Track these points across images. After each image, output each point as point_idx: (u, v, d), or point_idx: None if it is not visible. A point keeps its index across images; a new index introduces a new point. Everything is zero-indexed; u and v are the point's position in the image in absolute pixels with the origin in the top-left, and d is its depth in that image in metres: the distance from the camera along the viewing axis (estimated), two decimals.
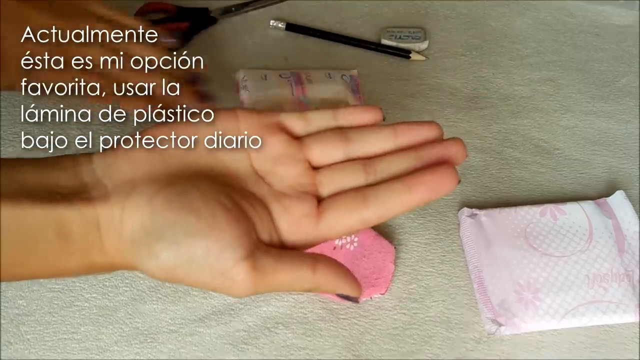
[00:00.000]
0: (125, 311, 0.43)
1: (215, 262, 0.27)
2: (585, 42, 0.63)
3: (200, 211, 0.27)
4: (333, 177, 0.30)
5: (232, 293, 0.28)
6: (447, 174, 0.28)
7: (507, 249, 0.45)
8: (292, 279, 0.28)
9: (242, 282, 0.27)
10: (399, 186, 0.29)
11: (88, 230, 0.27)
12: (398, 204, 0.29)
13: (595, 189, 0.52)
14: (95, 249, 0.27)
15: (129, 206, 0.27)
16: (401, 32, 0.61)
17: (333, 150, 0.31)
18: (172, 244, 0.26)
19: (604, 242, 0.46)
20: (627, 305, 0.43)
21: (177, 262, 0.26)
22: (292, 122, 0.31)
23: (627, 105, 0.58)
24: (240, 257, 0.27)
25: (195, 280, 0.27)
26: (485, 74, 0.60)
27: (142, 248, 0.27)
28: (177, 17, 0.62)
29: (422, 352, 0.42)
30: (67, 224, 0.26)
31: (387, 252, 0.45)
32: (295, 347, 0.42)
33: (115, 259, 0.28)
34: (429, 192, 0.28)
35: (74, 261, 0.27)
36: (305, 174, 0.30)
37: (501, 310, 0.43)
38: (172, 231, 0.26)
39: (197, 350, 0.42)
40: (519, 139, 0.55)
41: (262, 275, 0.27)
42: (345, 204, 0.29)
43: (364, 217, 0.29)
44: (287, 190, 0.29)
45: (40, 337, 0.42)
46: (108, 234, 0.27)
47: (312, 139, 0.31)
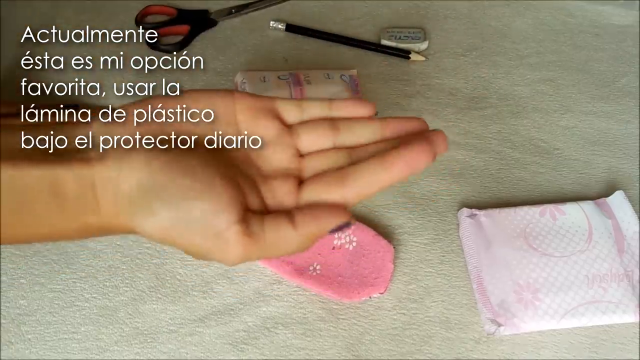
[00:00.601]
0: (125, 311, 0.43)
1: (210, 223, 0.27)
2: (585, 42, 0.63)
3: (198, 174, 0.28)
4: (315, 162, 0.31)
5: (224, 257, 0.28)
6: (423, 148, 0.28)
7: (507, 249, 0.45)
8: (278, 238, 0.28)
9: (235, 244, 0.27)
10: (377, 163, 0.29)
11: (83, 190, 0.27)
12: (376, 180, 0.29)
13: (595, 189, 0.52)
14: (90, 210, 0.27)
15: (127, 166, 0.27)
16: (401, 33, 0.62)
17: (322, 139, 0.31)
18: (170, 203, 0.27)
19: (603, 242, 0.46)
20: (627, 305, 0.43)
21: (174, 220, 0.27)
22: (287, 110, 0.32)
23: (627, 105, 0.58)
24: (234, 220, 0.27)
25: (189, 241, 0.28)
26: (485, 74, 0.60)
27: (140, 206, 0.27)
28: (177, 20, 0.63)
29: (421, 352, 0.42)
30: (62, 184, 0.27)
31: (386, 252, 0.45)
32: (295, 347, 0.42)
33: (110, 220, 0.28)
34: (406, 167, 0.28)
35: (68, 222, 0.28)
36: (292, 160, 0.31)
37: (501, 311, 0.43)
38: (170, 191, 0.27)
39: (196, 350, 0.42)
40: (518, 139, 0.55)
41: (253, 239, 0.28)
42: (324, 182, 0.30)
43: (343, 194, 0.29)
44: (274, 174, 0.30)
45: (41, 337, 0.42)
46: (104, 193, 0.27)
47: (303, 127, 0.32)
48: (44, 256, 0.46)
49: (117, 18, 0.63)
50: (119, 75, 0.61)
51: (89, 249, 0.46)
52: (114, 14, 0.63)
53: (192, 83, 0.58)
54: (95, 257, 0.46)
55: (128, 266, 0.46)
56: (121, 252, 0.46)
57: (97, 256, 0.46)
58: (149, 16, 0.64)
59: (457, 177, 0.52)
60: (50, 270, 0.45)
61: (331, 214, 0.29)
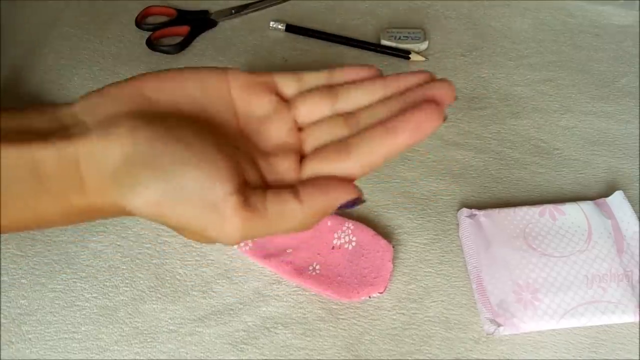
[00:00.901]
0: (125, 311, 0.44)
1: (205, 194, 0.25)
2: (585, 42, 0.63)
3: (190, 142, 0.26)
4: (315, 134, 0.29)
5: (221, 233, 0.26)
6: (431, 111, 0.26)
7: (506, 249, 0.45)
8: (281, 213, 0.26)
9: (232, 218, 0.26)
10: (381, 130, 0.27)
11: (65, 168, 0.25)
12: (381, 149, 0.27)
13: (595, 189, 0.52)
14: (74, 189, 0.26)
15: (111, 139, 0.25)
16: (401, 33, 0.62)
17: (320, 107, 0.30)
18: (160, 173, 0.25)
19: (603, 242, 0.46)
20: (626, 305, 0.43)
21: (165, 192, 0.25)
22: (285, 83, 0.31)
23: (627, 105, 0.58)
24: (230, 190, 0.26)
25: (182, 216, 0.26)
26: (485, 74, 0.60)
27: (127, 179, 0.25)
28: (177, 21, 0.63)
29: (421, 352, 0.42)
30: (41, 163, 0.25)
31: (386, 252, 0.45)
32: (295, 347, 0.42)
33: (96, 199, 0.26)
34: (412, 133, 0.26)
35: (51, 203, 0.26)
36: (290, 134, 0.29)
37: (500, 311, 0.43)
38: (159, 160, 0.25)
39: (196, 350, 0.42)
40: (518, 139, 0.55)
41: (253, 213, 0.26)
42: (327, 155, 0.28)
43: (347, 167, 0.27)
44: (272, 149, 0.29)
45: (42, 337, 0.42)
46: (88, 170, 0.26)
47: (300, 98, 0.30)
48: (44, 256, 0.46)
49: (117, 19, 0.63)
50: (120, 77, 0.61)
51: (89, 249, 0.47)
52: (114, 15, 0.64)
53: None
54: (95, 257, 0.46)
55: (128, 266, 0.46)
56: (121, 252, 0.47)
57: (98, 256, 0.46)
58: (149, 17, 0.64)
59: (456, 177, 0.52)
60: (51, 270, 0.45)
61: (340, 188, 0.27)
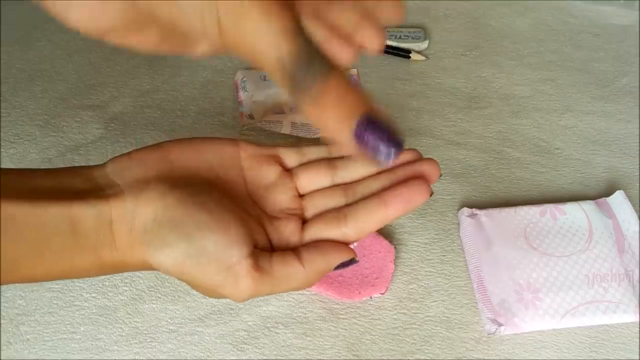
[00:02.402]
0: (124, 311, 0.43)
1: (223, 256, 0.28)
2: (585, 42, 0.63)
3: (211, 208, 0.29)
4: (316, 202, 0.33)
5: (234, 291, 0.29)
6: (419, 186, 0.30)
7: (507, 248, 0.45)
8: (287, 274, 0.30)
9: (244, 278, 0.29)
10: (375, 202, 0.31)
11: (100, 226, 0.28)
12: (375, 218, 0.31)
13: (595, 188, 0.52)
14: (106, 245, 0.29)
15: (142, 201, 0.29)
16: (401, 32, 0.61)
17: (320, 177, 0.33)
18: (185, 236, 0.28)
19: (603, 242, 0.46)
20: (627, 305, 0.43)
21: (188, 253, 0.28)
22: (288, 156, 0.34)
23: (627, 105, 0.58)
24: (245, 254, 0.29)
25: (201, 274, 0.29)
26: (485, 74, 0.60)
27: (155, 239, 0.28)
28: None
29: (422, 351, 0.42)
30: (80, 220, 0.28)
31: (387, 252, 0.45)
32: (295, 347, 0.42)
33: (125, 255, 0.29)
34: (402, 205, 0.30)
35: (85, 258, 0.29)
36: (293, 201, 0.33)
37: (501, 310, 0.43)
38: (184, 223, 0.28)
39: (196, 350, 0.42)
40: (518, 139, 0.55)
41: (262, 274, 0.29)
42: (326, 221, 0.31)
43: (344, 233, 0.31)
44: (278, 214, 0.32)
45: (40, 337, 0.42)
46: (120, 228, 0.28)
47: (302, 169, 0.34)
48: None
49: None
50: (122, 78, 0.61)
51: None
52: None
53: (192, 79, 0.58)
54: None
55: None
56: None
57: None
58: None
59: (457, 177, 0.52)
60: None
61: (337, 251, 0.31)
